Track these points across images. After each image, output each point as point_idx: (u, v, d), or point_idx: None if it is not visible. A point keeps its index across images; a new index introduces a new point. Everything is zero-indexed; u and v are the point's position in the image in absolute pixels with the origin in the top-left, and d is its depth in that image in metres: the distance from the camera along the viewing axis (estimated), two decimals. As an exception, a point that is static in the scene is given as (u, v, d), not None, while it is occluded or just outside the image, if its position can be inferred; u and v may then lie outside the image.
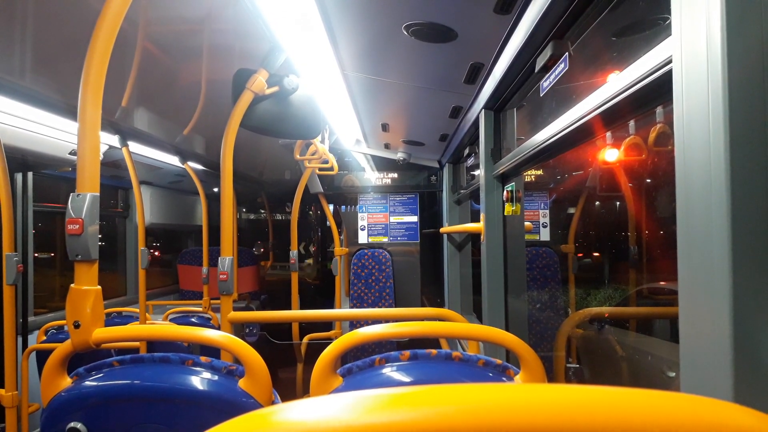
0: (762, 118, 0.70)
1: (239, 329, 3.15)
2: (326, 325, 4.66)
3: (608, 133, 2.70)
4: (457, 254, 4.45)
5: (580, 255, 4.62)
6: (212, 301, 4.22)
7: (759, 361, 0.70)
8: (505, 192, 2.31)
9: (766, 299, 0.70)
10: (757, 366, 0.70)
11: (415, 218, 5.13)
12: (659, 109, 1.76)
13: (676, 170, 0.82)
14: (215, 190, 5.82)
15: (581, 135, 1.50)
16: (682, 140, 0.80)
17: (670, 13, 0.85)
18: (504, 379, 1.33)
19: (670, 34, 0.85)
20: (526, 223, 3.43)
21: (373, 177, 5.08)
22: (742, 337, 0.70)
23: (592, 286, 4.51)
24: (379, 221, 5.13)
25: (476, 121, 2.62)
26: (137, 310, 3.55)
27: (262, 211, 7.52)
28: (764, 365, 0.70)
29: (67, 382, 1.34)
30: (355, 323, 4.53)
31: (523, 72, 1.88)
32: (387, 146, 4.51)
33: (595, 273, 4.79)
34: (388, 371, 1.33)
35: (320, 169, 4.10)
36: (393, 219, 5.14)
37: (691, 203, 0.78)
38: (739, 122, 0.71)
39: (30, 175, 3.70)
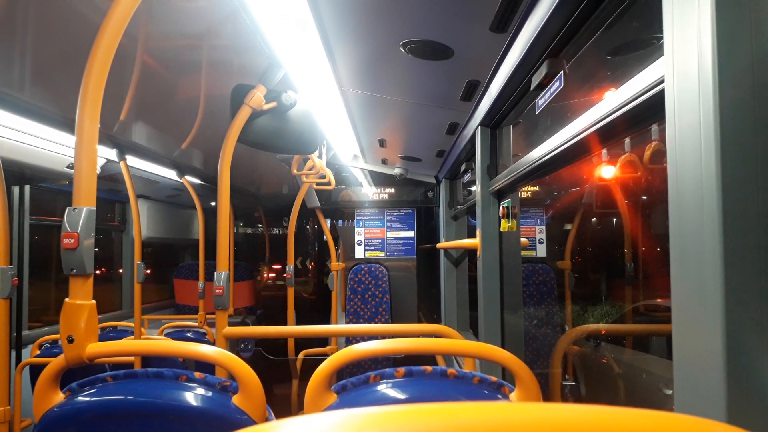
0: (752, 137, 0.71)
1: (234, 344, 3.13)
2: (322, 340, 4.64)
3: (604, 151, 2.72)
4: (453, 270, 4.44)
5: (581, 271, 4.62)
6: (208, 316, 4.20)
7: (751, 380, 0.70)
8: (501, 208, 2.32)
9: (758, 316, 0.70)
10: (750, 385, 0.70)
11: (411, 233, 5.14)
12: (654, 127, 1.77)
13: (669, 187, 0.82)
14: (212, 204, 5.82)
15: (576, 152, 1.51)
16: (675, 158, 0.81)
17: (662, 33, 0.86)
18: (499, 396, 1.32)
19: (663, 54, 0.87)
20: (523, 240, 3.43)
21: (370, 192, 5.09)
22: (735, 355, 0.70)
23: (588, 303, 4.50)
24: (376, 236, 5.13)
25: (472, 138, 2.64)
26: (132, 325, 3.53)
27: (260, 225, 7.51)
28: (757, 384, 0.70)
29: (59, 397, 1.33)
30: (351, 339, 4.51)
31: (518, 90, 1.90)
32: (384, 162, 4.53)
33: (591, 289, 4.79)
34: (383, 388, 1.33)
35: (317, 184, 4.11)
36: (390, 234, 5.13)
37: (683, 220, 0.79)
38: (729, 141, 0.71)
39: (27, 188, 3.70)
